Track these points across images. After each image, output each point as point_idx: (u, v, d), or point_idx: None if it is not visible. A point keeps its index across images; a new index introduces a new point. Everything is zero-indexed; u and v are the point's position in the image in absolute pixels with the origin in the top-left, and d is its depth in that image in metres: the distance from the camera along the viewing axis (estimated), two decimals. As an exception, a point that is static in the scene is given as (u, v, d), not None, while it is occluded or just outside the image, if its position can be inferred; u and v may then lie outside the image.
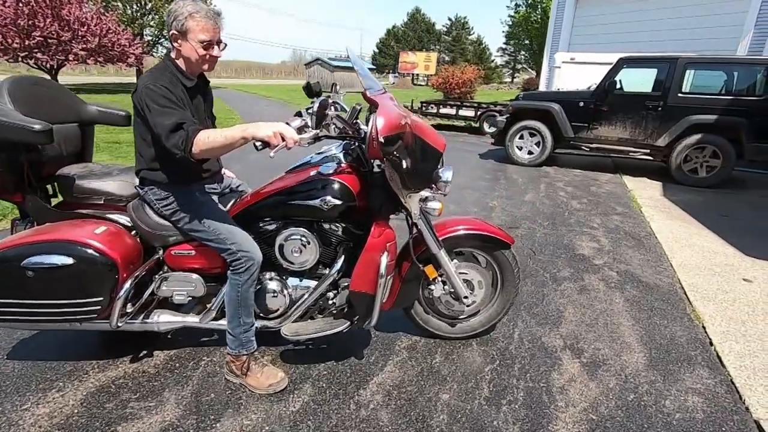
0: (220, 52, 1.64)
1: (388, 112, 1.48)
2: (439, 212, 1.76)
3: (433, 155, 1.73)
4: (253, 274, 1.72)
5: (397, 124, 1.49)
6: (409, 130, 1.61)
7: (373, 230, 1.72)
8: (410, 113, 1.76)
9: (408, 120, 1.62)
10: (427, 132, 1.73)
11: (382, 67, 57.82)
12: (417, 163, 1.66)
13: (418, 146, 1.67)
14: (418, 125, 1.68)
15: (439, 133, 1.84)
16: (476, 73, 16.62)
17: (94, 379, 1.80)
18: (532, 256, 3.34)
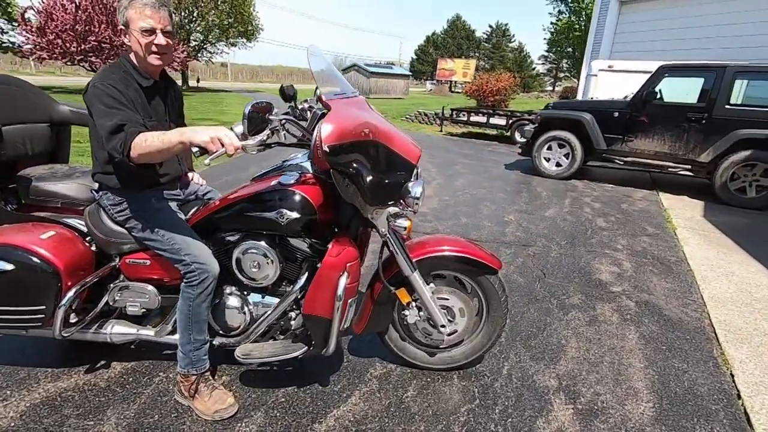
0: (164, 39, 1.53)
1: (338, 119, 1.32)
2: (408, 231, 1.58)
3: (403, 167, 1.54)
4: (207, 288, 1.60)
5: (348, 131, 1.33)
6: (371, 139, 1.43)
7: (332, 248, 1.55)
8: (381, 120, 1.59)
9: (370, 127, 1.45)
10: (398, 141, 1.55)
11: (420, 74, 57.78)
12: (381, 175, 1.48)
13: (383, 156, 1.49)
14: (385, 133, 1.51)
15: (414, 143, 1.65)
16: (512, 80, 16.13)
17: (43, 390, 1.73)
18: (541, 279, 3.05)
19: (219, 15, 27.95)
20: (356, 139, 1.36)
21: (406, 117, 15.56)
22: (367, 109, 1.61)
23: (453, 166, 7.20)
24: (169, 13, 1.55)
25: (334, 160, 1.32)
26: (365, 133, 1.41)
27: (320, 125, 1.27)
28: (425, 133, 12.10)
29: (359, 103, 1.60)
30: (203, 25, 28.38)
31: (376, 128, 1.47)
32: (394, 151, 1.52)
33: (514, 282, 2.98)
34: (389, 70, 32.19)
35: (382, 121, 1.59)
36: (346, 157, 1.36)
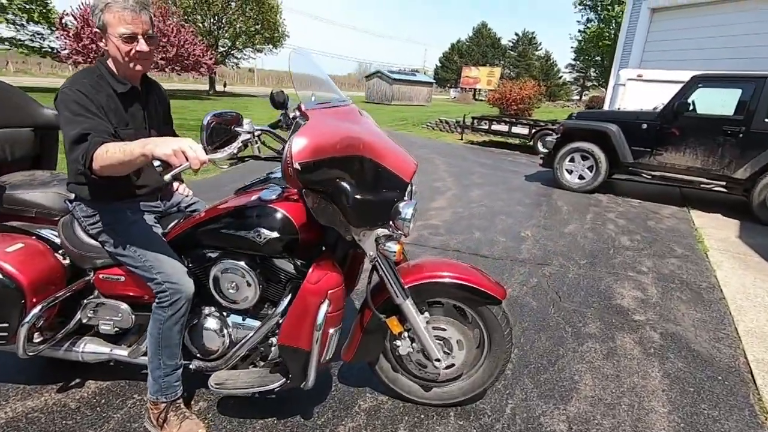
0: (146, 46, 1.43)
1: (313, 132, 1.17)
2: (397, 256, 1.41)
3: (395, 185, 1.38)
4: (180, 310, 1.48)
5: (326, 146, 1.18)
6: (357, 153, 1.28)
7: (311, 272, 1.41)
8: (373, 132, 1.44)
9: (357, 141, 1.30)
10: (390, 156, 1.39)
11: (444, 81, 57.56)
12: (368, 193, 1.33)
13: (371, 173, 1.34)
14: (375, 147, 1.36)
15: (409, 158, 1.50)
16: (536, 89, 15.75)
17: (10, 409, 1.64)
18: (555, 302, 2.83)
19: (246, 22, 28.54)
20: (338, 155, 1.22)
21: (426, 124, 15.39)
22: (357, 120, 1.46)
23: (470, 176, 6.98)
24: (150, 15, 1.44)
25: (307, 178, 1.18)
26: (350, 148, 1.26)
27: (291, 139, 1.13)
28: (445, 141, 11.90)
29: (348, 112, 1.45)
30: (231, 31, 29.01)
31: (363, 142, 1.32)
32: (384, 167, 1.37)
33: (526, 305, 2.76)
34: (412, 77, 32.12)
35: (374, 134, 1.44)
36: (323, 174, 1.21)
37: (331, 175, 1.23)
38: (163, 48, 21.08)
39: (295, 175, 1.14)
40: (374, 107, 25.23)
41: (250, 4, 28.12)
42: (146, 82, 1.61)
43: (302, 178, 1.16)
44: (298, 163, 1.12)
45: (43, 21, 21.19)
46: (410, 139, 12.03)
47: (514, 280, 3.14)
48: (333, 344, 1.51)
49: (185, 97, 23.28)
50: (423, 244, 3.75)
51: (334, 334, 1.49)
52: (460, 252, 3.62)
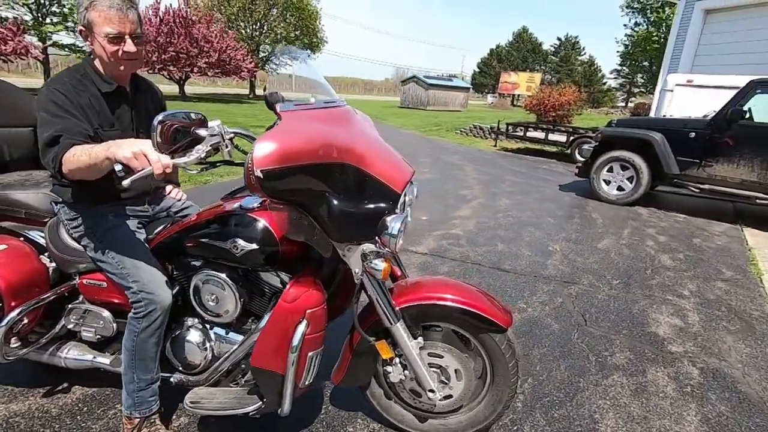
0: (134, 46, 1.36)
1: (281, 136, 1.05)
2: (384, 274, 1.27)
3: (383, 196, 1.24)
4: (155, 322, 1.40)
5: (296, 151, 1.05)
6: (337, 161, 1.15)
7: (288, 290, 1.29)
8: (364, 138, 1.31)
9: (340, 146, 1.17)
10: (380, 164, 1.25)
11: (481, 87, 56.72)
12: (350, 206, 1.19)
13: (356, 182, 1.20)
14: (363, 154, 1.22)
15: (405, 166, 1.35)
16: (576, 95, 15.11)
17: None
18: (580, 326, 2.58)
19: (286, 27, 29.25)
20: (313, 161, 1.09)
21: (460, 130, 15.12)
22: (346, 123, 1.33)
23: (500, 184, 6.71)
24: (138, 13, 1.38)
25: (272, 187, 1.06)
26: (329, 153, 1.14)
27: (254, 144, 1.02)
28: (478, 148, 11.61)
29: (337, 115, 1.33)
30: (271, 37, 29.82)
31: (347, 147, 1.19)
32: (372, 176, 1.23)
33: (546, 328, 2.53)
34: (448, 83, 31.78)
35: (365, 139, 1.31)
36: (292, 183, 1.08)
37: (303, 184, 1.11)
38: (206, 53, 21.92)
39: (257, 183, 1.02)
40: (409, 112, 25.13)
41: (290, 11, 28.80)
42: (136, 82, 1.55)
43: (266, 187, 1.04)
44: (260, 170, 1.00)
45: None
46: (442, 144, 11.82)
47: (535, 298, 2.90)
48: (314, 368, 1.38)
49: (226, 101, 24.08)
50: (441, 255, 3.57)
51: (315, 357, 1.36)
52: (480, 265, 3.41)
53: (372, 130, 1.50)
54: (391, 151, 1.39)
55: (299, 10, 29.01)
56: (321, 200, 1.16)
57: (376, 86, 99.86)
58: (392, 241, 1.20)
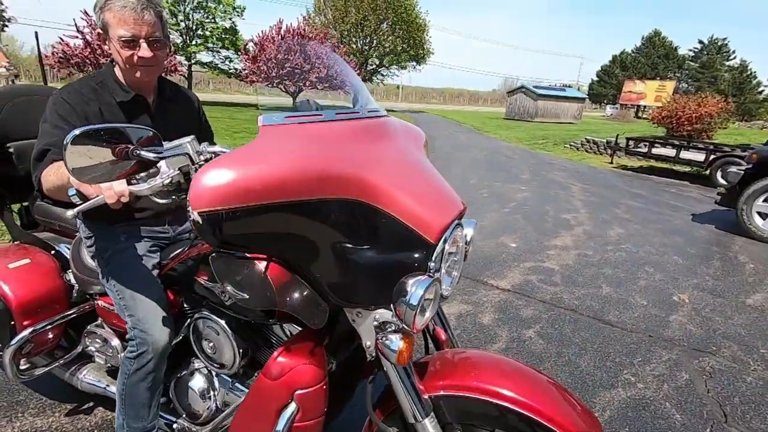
0: (149, 51, 1.19)
1: (236, 162, 0.75)
2: (400, 359, 0.88)
3: (408, 245, 0.87)
4: (146, 365, 1.21)
5: (256, 185, 0.73)
6: (335, 195, 0.81)
7: (272, 360, 0.97)
8: (407, 161, 0.96)
9: (351, 177, 0.83)
10: (408, 201, 0.88)
11: (599, 97, 51.89)
12: (356, 257, 0.85)
13: (365, 226, 0.85)
14: (385, 187, 0.86)
15: (450, 203, 0.96)
16: (720, 105, 12.69)
17: (22, 423, 1.58)
18: (717, 424, 1.86)
19: (394, 41, 29.98)
20: (286, 199, 0.76)
21: (570, 144, 13.76)
22: (371, 141, 0.99)
23: (613, 209, 5.73)
24: (158, 15, 1.22)
25: (216, 234, 0.75)
26: (320, 188, 0.80)
27: (195, 175, 0.72)
28: (589, 164, 10.36)
29: (360, 129, 0.99)
30: (379, 50, 30.84)
31: (356, 177, 0.84)
32: (392, 216, 0.87)
33: (663, 417, 1.87)
34: (560, 93, 29.52)
35: (394, 165, 0.95)
36: (250, 227, 0.76)
37: (270, 227, 0.79)
38: (318, 69, 23.45)
39: (196, 229, 0.73)
40: (514, 124, 23.84)
41: (400, 24, 29.46)
42: (163, 90, 1.40)
43: (207, 234, 0.74)
44: (198, 213, 0.70)
45: (232, 47, 25.48)
46: (547, 159, 10.79)
47: (649, 369, 2.22)
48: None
49: (332, 112, 25.43)
50: (527, 293, 3.00)
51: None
52: (576, 312, 2.78)
53: (417, 151, 1.14)
54: (434, 181, 1.01)
55: (408, 23, 29.54)
56: (306, 251, 0.84)
57: (482, 97, 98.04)
58: (409, 313, 0.82)
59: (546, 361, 2.22)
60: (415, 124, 6.87)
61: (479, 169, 8.41)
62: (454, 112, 38.45)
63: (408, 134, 1.20)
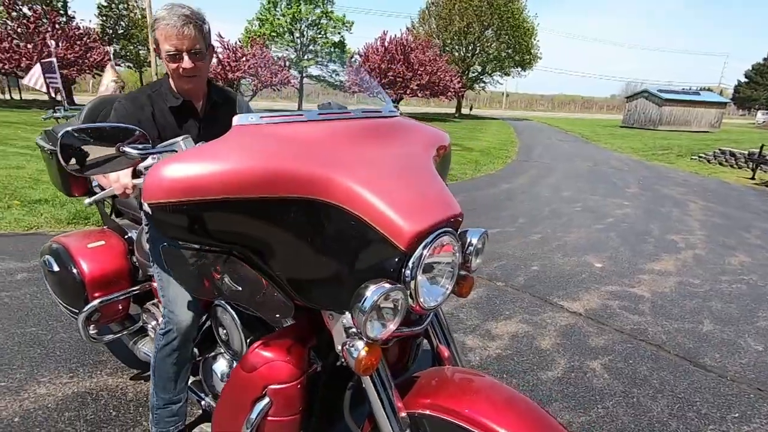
0: (190, 63, 1.33)
1: (196, 157, 0.78)
2: (359, 368, 0.84)
3: (376, 252, 0.84)
4: (171, 343, 1.33)
5: (212, 180, 0.75)
6: (296, 194, 0.81)
7: (249, 352, 1.00)
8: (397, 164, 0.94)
9: (312, 175, 0.82)
10: (382, 204, 0.85)
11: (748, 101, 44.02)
12: (318, 259, 0.84)
13: (332, 228, 0.84)
14: (358, 190, 0.84)
15: (434, 208, 0.90)
16: None
17: (94, 380, 1.86)
18: None
19: (498, 47, 29.11)
20: (239, 196, 0.77)
21: (699, 156, 11.95)
22: (361, 143, 0.97)
23: (741, 233, 4.82)
24: (199, 28, 1.35)
25: (168, 226, 0.78)
26: (284, 186, 0.80)
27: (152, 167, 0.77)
28: (720, 179, 8.87)
29: (351, 130, 0.98)
30: (482, 57, 30.19)
31: (327, 178, 0.83)
32: (360, 219, 0.84)
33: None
34: (694, 97, 25.73)
35: (378, 166, 0.92)
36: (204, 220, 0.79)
37: (228, 222, 0.80)
38: (419, 76, 23.74)
39: (149, 221, 0.78)
40: (632, 132, 21.44)
41: (505, 29, 28.54)
42: (213, 96, 1.54)
43: (160, 226, 0.79)
44: (148, 204, 0.75)
45: (338, 61, 27.16)
46: (665, 172, 9.50)
47: (745, 430, 1.80)
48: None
49: (430, 119, 25.56)
50: (601, 320, 2.66)
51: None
52: (661, 348, 2.38)
53: (421, 153, 1.08)
54: (424, 185, 0.95)
55: (514, 28, 28.47)
56: (264, 248, 0.85)
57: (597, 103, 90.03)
58: (360, 319, 0.78)
59: (606, 399, 1.94)
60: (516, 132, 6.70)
61: (578, 181, 7.73)
62: (562, 119, 35.93)
63: (418, 136, 1.15)
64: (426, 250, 0.85)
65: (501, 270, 3.38)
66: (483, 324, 2.53)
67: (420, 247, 0.85)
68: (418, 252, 0.85)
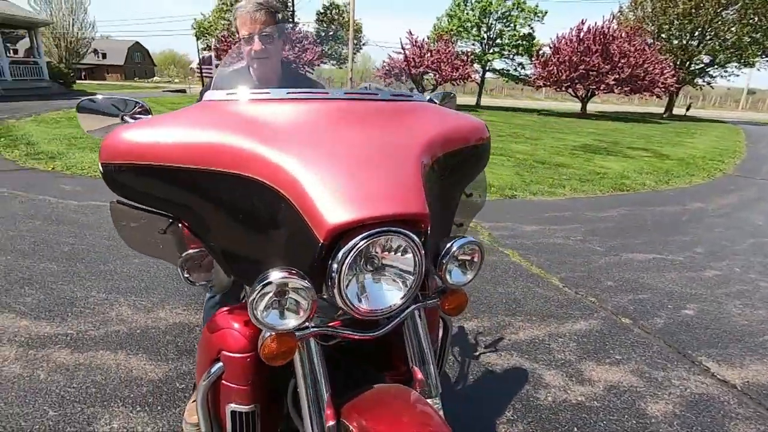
0: (259, 44, 1.45)
1: (151, 124, 0.83)
2: (263, 351, 0.80)
3: (300, 238, 0.78)
4: (213, 299, 1.53)
5: (161, 147, 0.80)
6: (235, 171, 0.80)
7: (217, 314, 1.05)
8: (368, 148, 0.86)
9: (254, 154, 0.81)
10: (311, 193, 0.78)
11: None
12: (244, 238, 0.83)
13: (266, 208, 0.81)
14: (294, 172, 0.79)
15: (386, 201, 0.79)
16: None
17: (166, 315, 2.26)
18: None
19: (740, 30, 22.85)
20: (184, 165, 0.80)
21: None
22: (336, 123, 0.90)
23: None
24: (271, 14, 1.47)
25: (118, 186, 0.85)
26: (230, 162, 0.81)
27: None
28: None
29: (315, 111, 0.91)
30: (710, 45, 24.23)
31: (269, 159, 0.80)
32: (294, 206, 0.79)
33: None
34: None
35: (335, 155, 0.85)
36: (148, 186, 0.84)
37: (170, 189, 0.84)
38: (619, 69, 20.55)
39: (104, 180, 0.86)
40: None
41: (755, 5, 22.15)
42: (286, 79, 1.66)
43: (112, 185, 0.86)
44: (101, 164, 0.83)
45: (526, 53, 25.69)
46: None
47: None
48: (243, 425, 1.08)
49: (628, 119, 22.00)
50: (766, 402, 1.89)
51: (242, 418, 1.05)
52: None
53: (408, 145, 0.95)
54: (381, 177, 0.83)
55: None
56: (201, 219, 0.87)
57: None
58: (250, 302, 0.74)
59: None
60: (747, 140, 5.50)
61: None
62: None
63: (427, 125, 1.01)
64: (361, 244, 0.76)
65: (635, 305, 2.72)
66: (578, 362, 2.10)
67: (353, 241, 0.76)
68: (349, 246, 0.76)
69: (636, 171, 7.53)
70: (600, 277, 3.09)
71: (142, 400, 1.65)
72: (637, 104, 44.72)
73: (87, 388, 1.71)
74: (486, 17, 25.60)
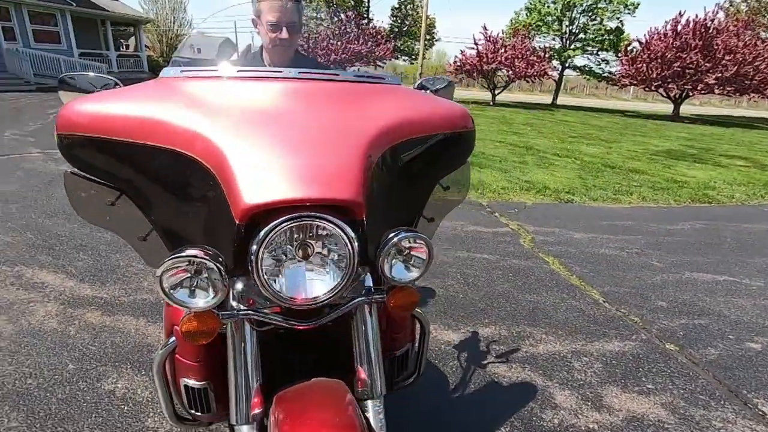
0: (287, 34, 1.48)
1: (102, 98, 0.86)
2: (182, 328, 0.80)
3: (221, 217, 0.77)
4: None
5: (110, 119, 0.82)
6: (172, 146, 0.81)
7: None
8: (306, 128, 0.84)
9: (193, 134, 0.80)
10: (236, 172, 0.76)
11: None
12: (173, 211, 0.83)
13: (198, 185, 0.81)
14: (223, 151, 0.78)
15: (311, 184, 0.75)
16: None
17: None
18: None
19: None
20: (129, 140, 0.82)
21: None
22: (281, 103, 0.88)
23: None
24: (299, 4, 1.50)
25: (72, 155, 0.87)
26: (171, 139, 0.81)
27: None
28: None
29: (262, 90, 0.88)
30: None
31: (203, 137, 0.79)
32: (220, 185, 0.78)
33: None
34: None
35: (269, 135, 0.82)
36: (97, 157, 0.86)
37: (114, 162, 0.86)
38: (723, 67, 18.20)
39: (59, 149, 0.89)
40: None
41: None
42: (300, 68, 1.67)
43: (65, 155, 0.89)
44: (56, 134, 0.87)
45: (611, 49, 23.70)
46: None
47: None
48: (198, 405, 1.09)
49: (726, 124, 19.50)
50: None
51: (195, 393, 1.06)
52: None
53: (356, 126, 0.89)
54: (313, 159, 0.79)
55: None
56: (140, 192, 0.88)
57: None
58: (158, 281, 0.74)
59: None
60: None
61: None
62: None
63: (389, 108, 0.95)
64: (281, 227, 0.73)
65: (687, 330, 2.39)
66: (600, 385, 1.88)
67: (273, 224, 0.73)
68: (267, 229, 0.73)
69: (725, 181, 6.64)
70: (650, 296, 2.76)
71: (148, 366, 1.76)
72: (745, 107, 39.51)
73: (105, 348, 1.86)
74: (569, 10, 24.00)
